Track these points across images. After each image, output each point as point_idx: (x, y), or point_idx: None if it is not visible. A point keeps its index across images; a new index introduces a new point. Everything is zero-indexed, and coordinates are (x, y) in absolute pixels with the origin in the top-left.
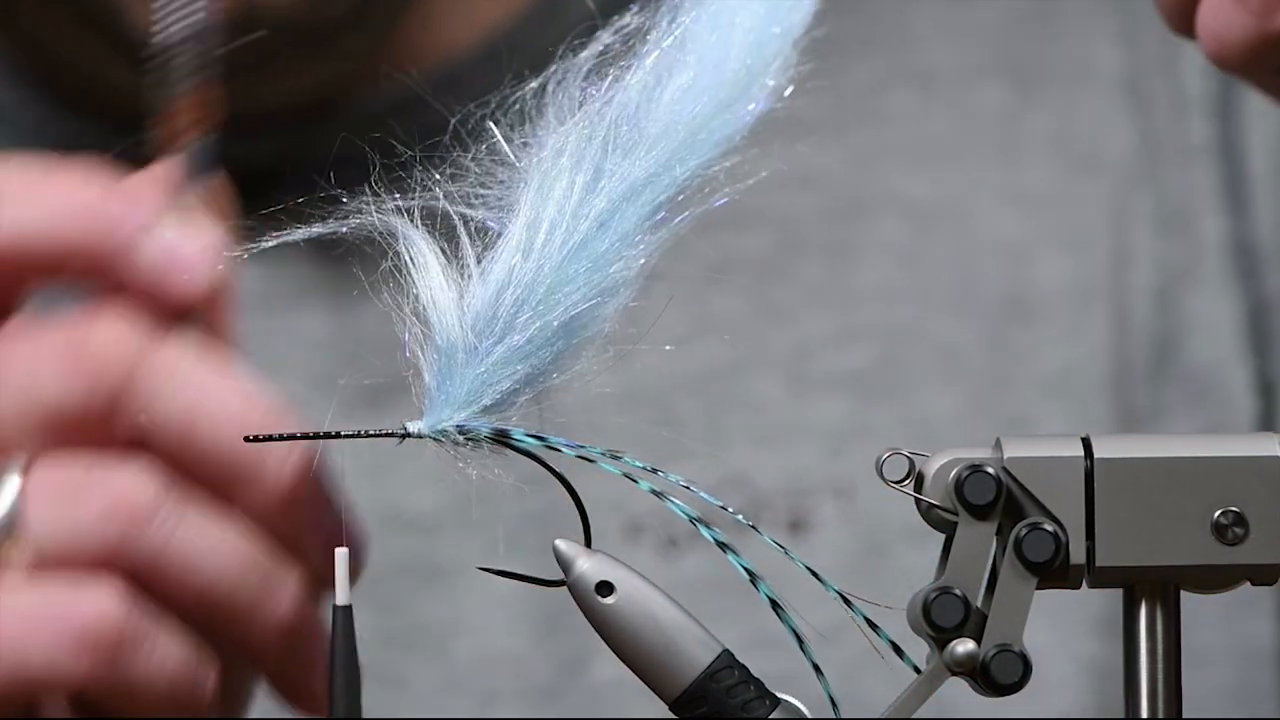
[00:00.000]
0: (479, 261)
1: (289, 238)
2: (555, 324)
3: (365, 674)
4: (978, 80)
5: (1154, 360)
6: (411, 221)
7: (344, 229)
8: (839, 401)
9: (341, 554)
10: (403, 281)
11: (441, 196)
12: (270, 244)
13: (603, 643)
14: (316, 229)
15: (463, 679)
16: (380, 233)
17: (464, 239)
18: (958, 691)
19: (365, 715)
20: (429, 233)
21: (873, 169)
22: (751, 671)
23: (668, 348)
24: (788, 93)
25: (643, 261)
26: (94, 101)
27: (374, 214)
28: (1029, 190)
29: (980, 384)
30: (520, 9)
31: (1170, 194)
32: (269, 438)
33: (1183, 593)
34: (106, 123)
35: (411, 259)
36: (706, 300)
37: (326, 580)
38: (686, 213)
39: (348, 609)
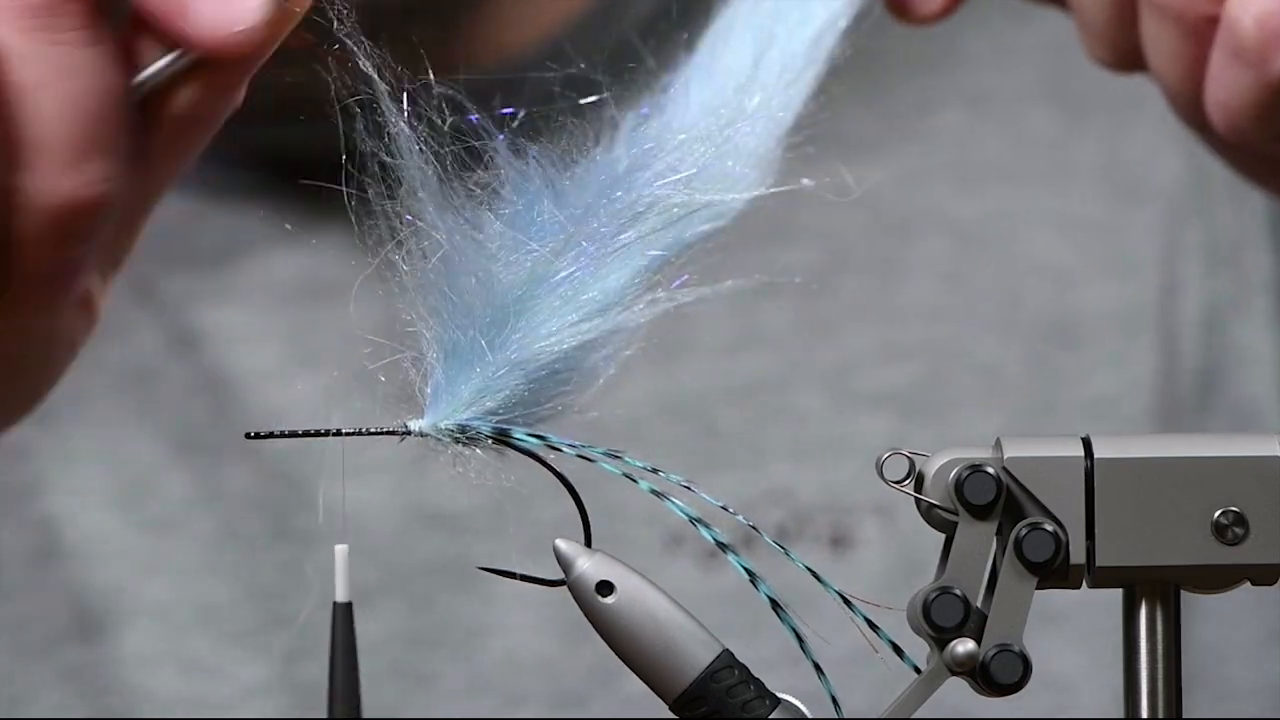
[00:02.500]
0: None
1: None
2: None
3: (393, 672)
4: (1028, 104)
5: (1198, 391)
6: (457, 216)
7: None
8: (881, 419)
9: (342, 550)
10: (421, 277)
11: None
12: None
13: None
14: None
15: (491, 680)
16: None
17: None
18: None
19: (393, 712)
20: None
21: (920, 188)
22: (751, 671)
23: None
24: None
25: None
26: None
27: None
28: (1076, 215)
29: (1022, 407)
30: (578, 14)
31: (1219, 227)
32: (269, 434)
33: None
34: None
35: (448, 254)
36: (753, 314)
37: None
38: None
39: (348, 606)
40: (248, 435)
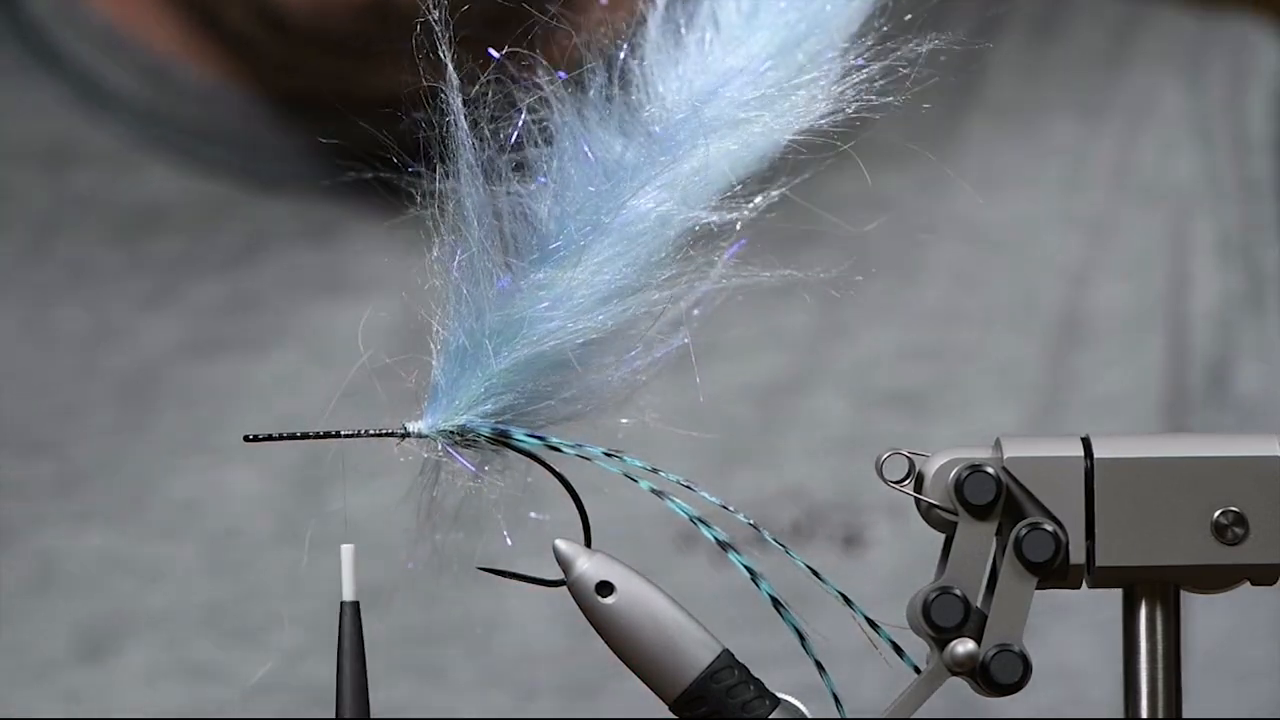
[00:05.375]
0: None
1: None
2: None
3: (406, 666)
4: (1047, 114)
5: (1208, 386)
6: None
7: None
8: (898, 419)
9: (347, 549)
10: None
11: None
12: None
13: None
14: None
15: (503, 674)
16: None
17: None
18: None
19: (404, 707)
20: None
21: (941, 193)
22: (751, 671)
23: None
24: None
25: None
26: None
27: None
28: (1090, 217)
29: (1037, 404)
30: None
31: (1229, 225)
32: (269, 437)
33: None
34: None
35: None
36: (774, 315)
37: None
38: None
39: (355, 605)
40: (246, 438)
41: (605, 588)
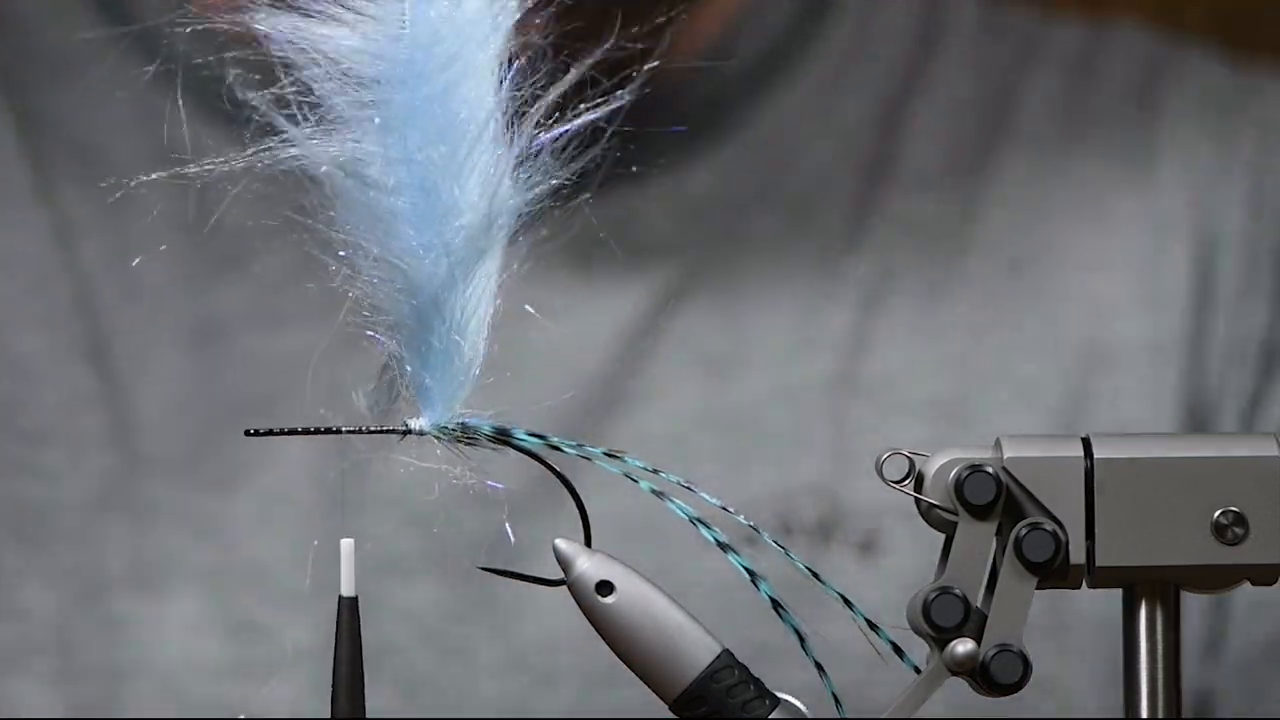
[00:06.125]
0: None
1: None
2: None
3: (432, 644)
4: (1079, 149)
5: (1227, 420)
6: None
7: None
8: (919, 428)
9: (347, 544)
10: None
11: None
12: None
13: None
14: None
15: (525, 657)
16: None
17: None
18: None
19: (428, 683)
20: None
21: (976, 220)
22: (751, 671)
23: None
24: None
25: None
26: None
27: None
28: (1116, 250)
29: (1055, 424)
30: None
31: (1253, 261)
32: (269, 432)
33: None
34: None
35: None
36: (811, 323)
37: None
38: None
39: (353, 601)
40: (247, 432)
41: (605, 587)
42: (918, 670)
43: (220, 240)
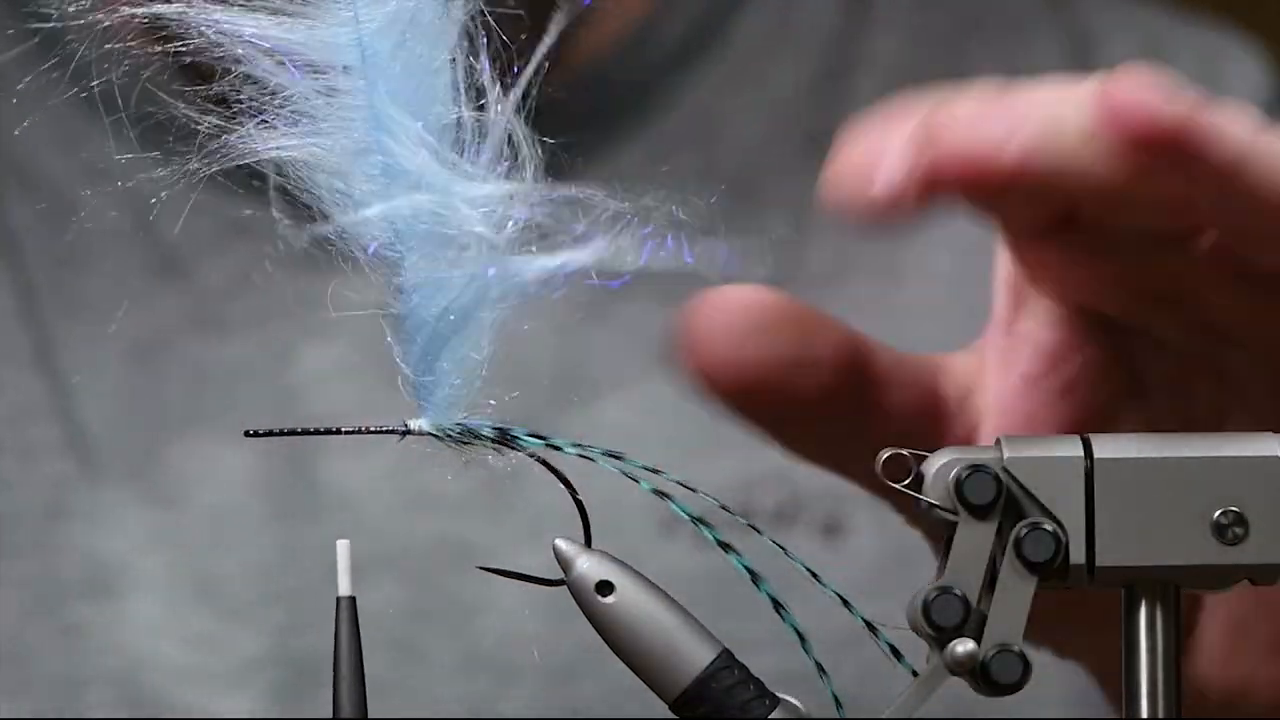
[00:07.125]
0: None
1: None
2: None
3: (389, 646)
4: None
5: None
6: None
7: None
8: None
9: (343, 545)
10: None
11: None
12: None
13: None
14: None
15: (483, 656)
16: None
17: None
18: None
19: (387, 685)
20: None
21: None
22: (751, 671)
23: None
24: None
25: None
26: None
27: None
28: None
29: None
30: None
31: None
32: (269, 433)
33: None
34: None
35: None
36: None
37: None
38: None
39: (351, 601)
40: (246, 433)
41: (605, 587)
42: (915, 673)
43: (164, 248)
